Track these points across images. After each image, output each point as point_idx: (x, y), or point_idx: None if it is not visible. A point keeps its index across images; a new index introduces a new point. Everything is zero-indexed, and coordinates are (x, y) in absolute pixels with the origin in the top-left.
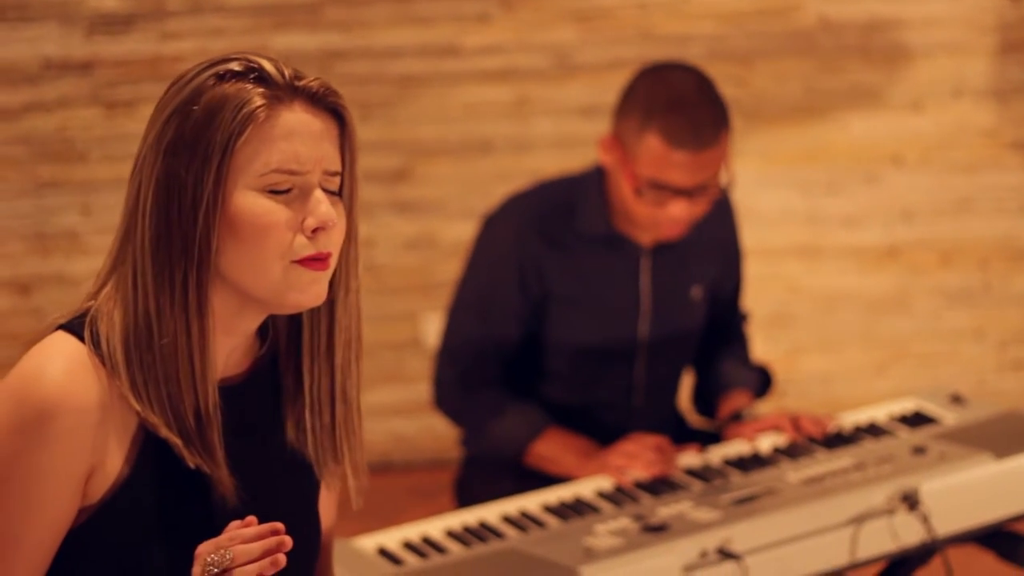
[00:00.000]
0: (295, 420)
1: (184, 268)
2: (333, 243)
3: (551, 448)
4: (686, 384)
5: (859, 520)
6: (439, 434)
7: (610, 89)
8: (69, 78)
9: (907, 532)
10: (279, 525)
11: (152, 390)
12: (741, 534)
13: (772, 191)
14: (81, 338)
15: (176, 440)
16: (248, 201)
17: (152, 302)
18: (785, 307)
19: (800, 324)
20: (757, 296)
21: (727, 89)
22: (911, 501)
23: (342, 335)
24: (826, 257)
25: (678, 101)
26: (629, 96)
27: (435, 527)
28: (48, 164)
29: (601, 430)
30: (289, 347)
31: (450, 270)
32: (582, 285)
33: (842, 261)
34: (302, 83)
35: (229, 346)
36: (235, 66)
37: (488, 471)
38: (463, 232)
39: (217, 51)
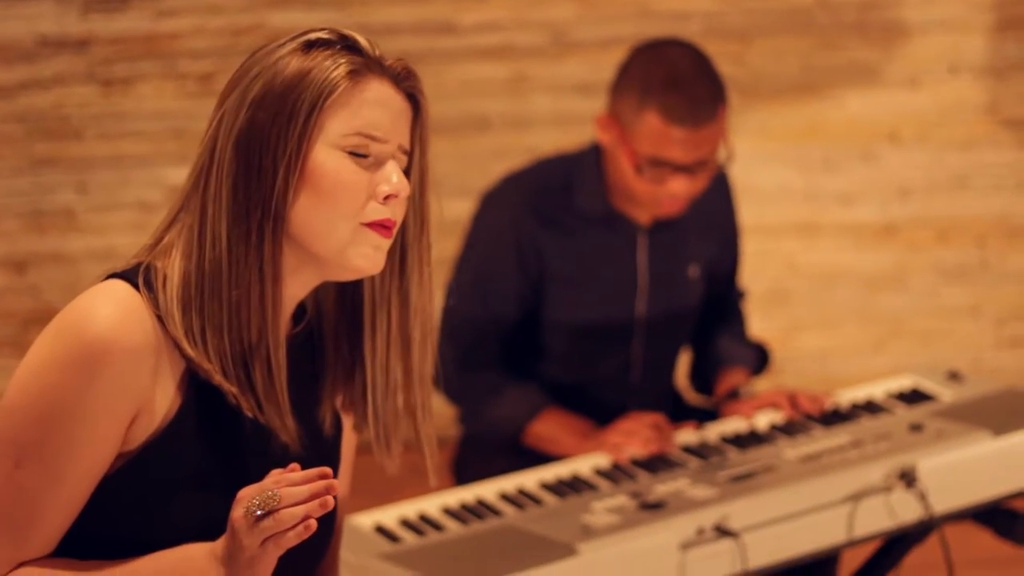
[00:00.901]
0: (344, 403)
1: (260, 219)
2: (399, 214)
3: (549, 428)
4: (683, 362)
5: (856, 497)
6: (437, 412)
7: (607, 66)
8: (65, 56)
9: (904, 509)
10: (327, 469)
11: (212, 338)
12: (738, 511)
13: (769, 168)
14: (133, 284)
15: (232, 388)
16: (330, 158)
17: (224, 251)
18: (782, 284)
19: (797, 301)
20: (754, 273)
21: (724, 67)
22: (908, 478)
23: (418, 316)
24: (823, 234)
25: (675, 78)
26: (625, 74)
27: (432, 505)
28: (44, 142)
29: (599, 408)
30: (340, 334)
31: (448, 247)
32: (579, 264)
33: (839, 238)
34: (388, 62)
35: (286, 308)
36: (325, 35)
37: (485, 449)
38: (461, 209)
39: (214, 29)
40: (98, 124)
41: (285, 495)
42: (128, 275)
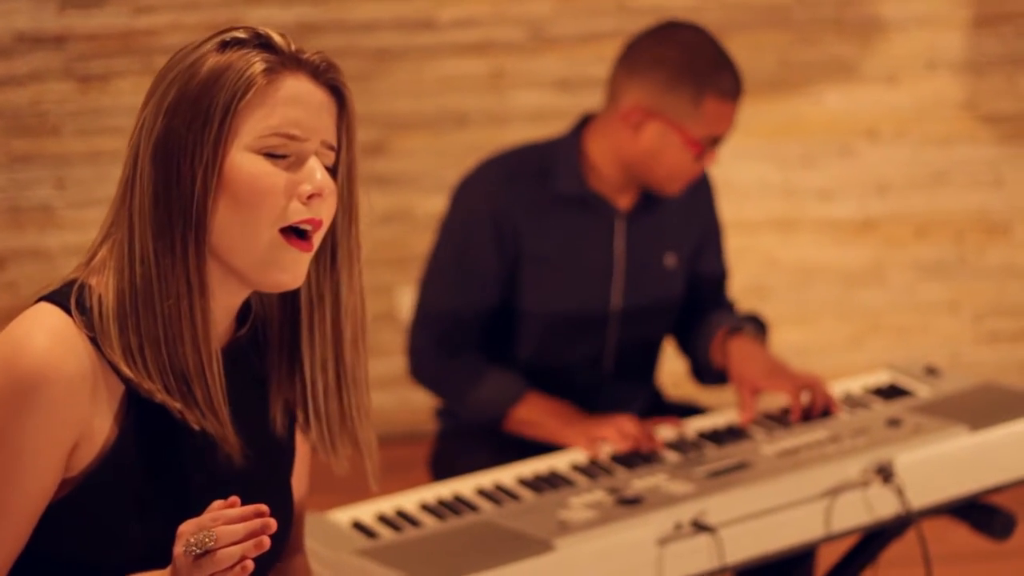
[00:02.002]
0: (287, 406)
1: (183, 230)
2: (325, 213)
3: (531, 412)
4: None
5: (834, 493)
6: (414, 407)
7: (586, 62)
8: (42, 52)
9: (882, 504)
10: (263, 507)
11: (151, 354)
12: (716, 507)
13: (747, 164)
14: (65, 308)
15: (176, 404)
16: (247, 162)
17: (152, 264)
18: (760, 280)
19: (776, 297)
20: (733, 269)
21: None
22: (886, 473)
23: (349, 317)
24: (801, 230)
25: (715, 58)
26: (659, 68)
27: (410, 501)
28: (21, 138)
29: (571, 395)
30: (283, 334)
31: (425, 244)
32: (556, 246)
33: (817, 234)
34: (305, 56)
35: (218, 319)
36: (240, 34)
37: (464, 444)
38: (439, 206)
39: (191, 25)
40: (76, 120)
41: (221, 535)
42: (60, 299)
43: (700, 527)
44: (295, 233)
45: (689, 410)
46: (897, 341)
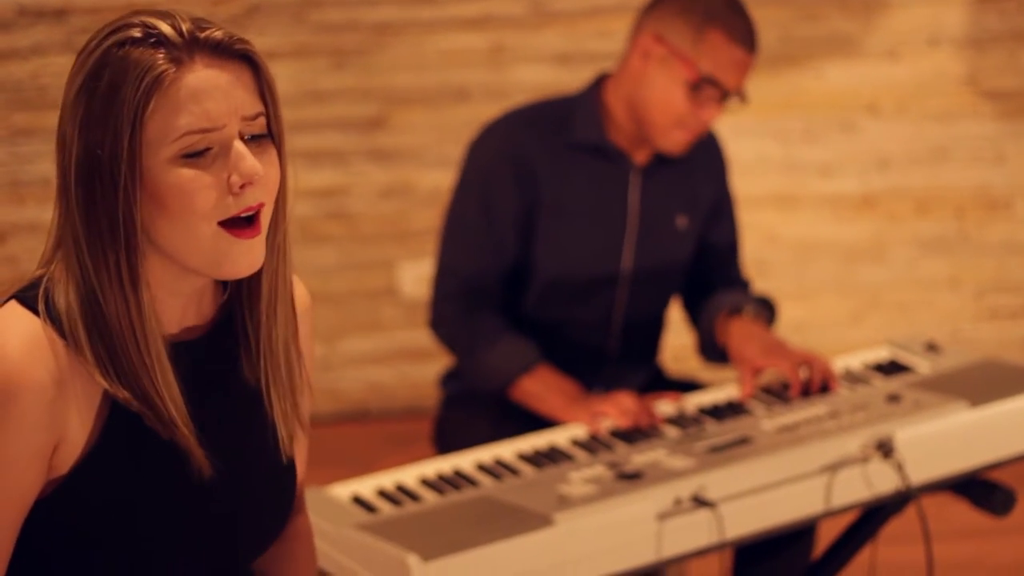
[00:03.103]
0: (246, 351)
1: (115, 247)
2: (266, 193)
3: (539, 385)
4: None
5: (833, 468)
6: (415, 382)
7: (587, 37)
8: (43, 25)
9: (881, 480)
10: None
11: (112, 364)
12: (715, 482)
13: (748, 139)
14: (35, 311)
15: (146, 412)
16: (167, 172)
17: (94, 281)
18: (761, 255)
19: (776, 272)
20: None
21: None
22: (885, 449)
23: (268, 279)
24: (802, 206)
25: (734, 5)
26: (673, 1)
27: (410, 475)
28: (22, 112)
29: (577, 350)
30: (237, 294)
31: (426, 218)
32: (572, 195)
33: (818, 210)
34: (204, 35)
35: (180, 306)
36: (135, 32)
37: (466, 416)
38: (439, 180)
39: None
40: None
41: None
42: (29, 301)
43: (700, 502)
44: (237, 223)
45: (689, 385)
46: (897, 317)
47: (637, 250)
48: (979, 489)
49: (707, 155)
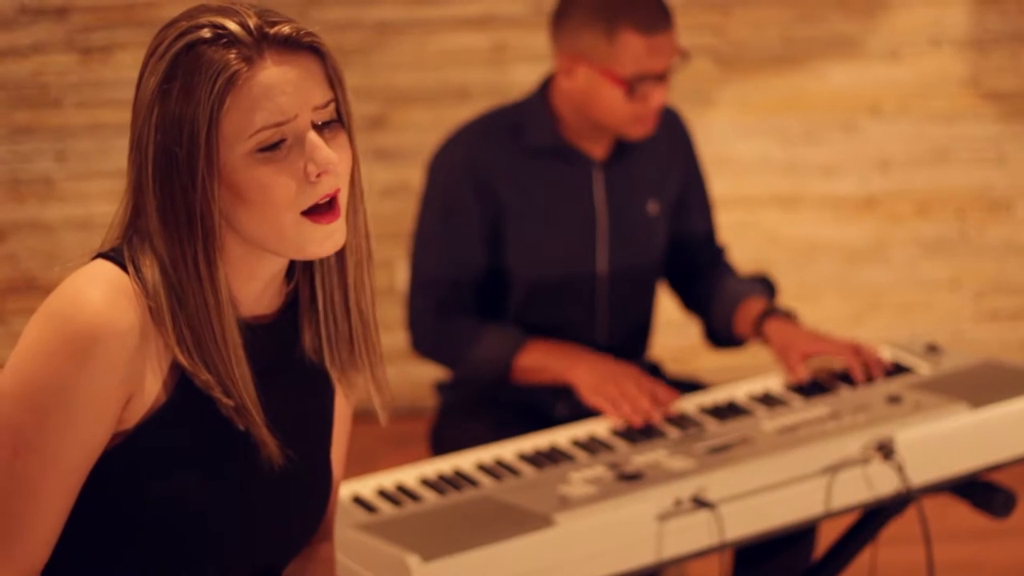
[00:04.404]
0: (312, 332)
1: (192, 242)
2: (341, 178)
3: (535, 358)
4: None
5: (834, 469)
6: (415, 381)
7: None
8: (44, 23)
9: (882, 482)
10: None
11: (193, 345)
12: (716, 483)
13: (750, 140)
14: (121, 266)
15: (220, 396)
16: (245, 167)
17: (171, 272)
18: (762, 256)
19: (777, 273)
20: (734, 245)
21: (704, 37)
22: (886, 451)
23: (352, 256)
24: (803, 207)
25: None
26: (576, 12)
27: (410, 475)
28: (22, 110)
29: None
30: (304, 265)
31: None
32: (536, 201)
33: (819, 211)
34: (273, 31)
35: (257, 289)
36: (205, 33)
37: (464, 419)
38: None
39: None
40: (77, 92)
41: None
42: (115, 257)
43: (700, 503)
44: (317, 209)
45: (689, 386)
46: (898, 318)
47: (611, 245)
48: (979, 491)
49: (670, 135)
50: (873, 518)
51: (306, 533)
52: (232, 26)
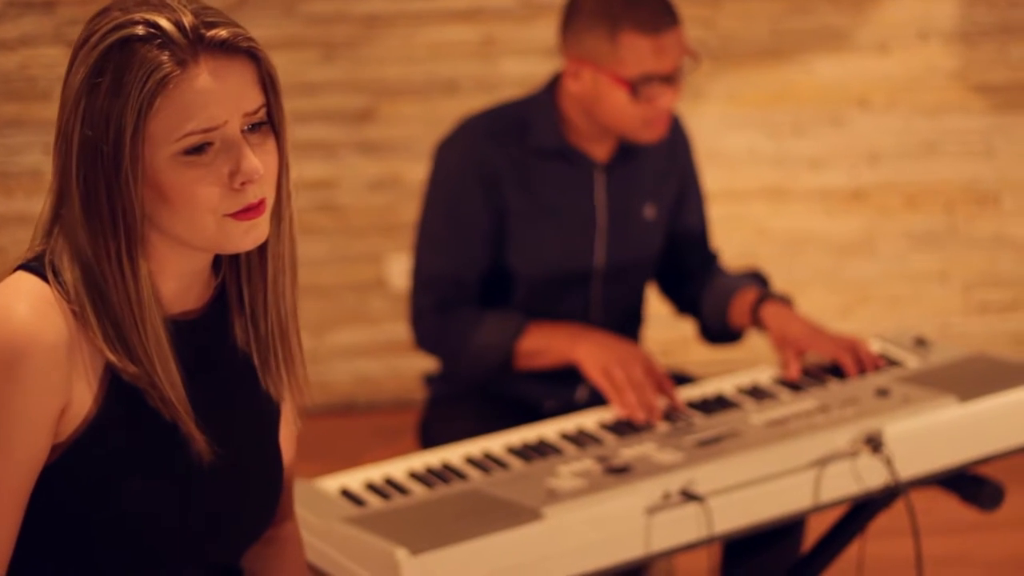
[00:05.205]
0: (241, 326)
1: (115, 238)
2: (267, 185)
3: (536, 341)
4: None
5: (822, 463)
6: (403, 375)
7: None
8: (31, 16)
9: (870, 475)
10: None
11: (118, 341)
12: (704, 476)
13: (738, 133)
14: (43, 277)
15: (150, 390)
16: (170, 169)
17: (94, 263)
18: (751, 249)
19: (766, 266)
20: (723, 238)
21: (694, 30)
22: (874, 444)
23: (273, 261)
24: (792, 199)
25: None
26: (579, 15)
27: (398, 468)
28: (10, 103)
29: None
30: (230, 260)
31: (415, 211)
32: (539, 200)
33: (808, 203)
34: (209, 34)
35: (183, 286)
36: (139, 30)
37: (452, 412)
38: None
39: None
40: None
41: None
42: (36, 268)
43: (688, 496)
44: (241, 211)
45: (678, 379)
46: (887, 311)
47: (609, 246)
48: (968, 484)
49: (670, 141)
50: (861, 511)
51: (258, 523)
52: (167, 26)
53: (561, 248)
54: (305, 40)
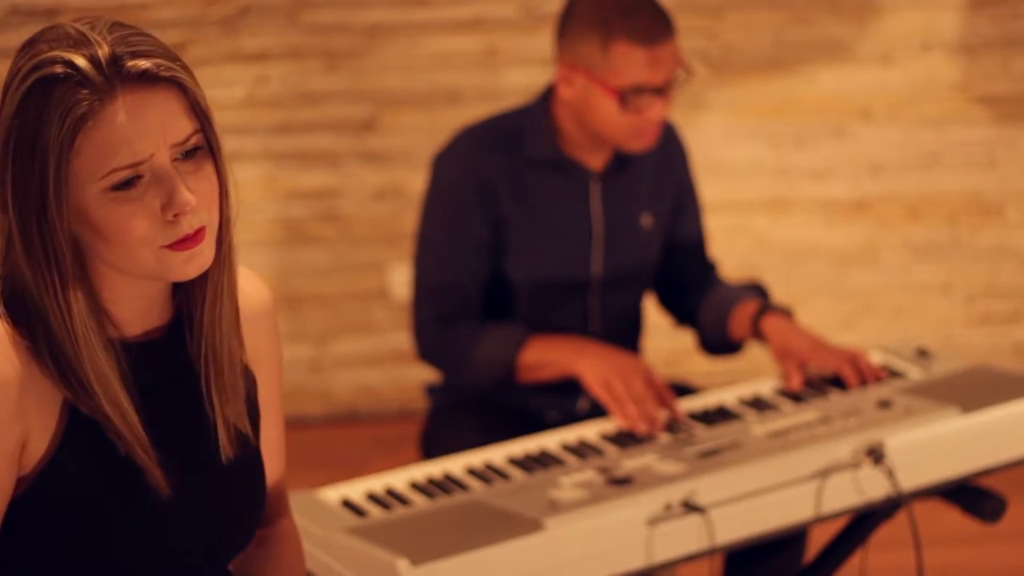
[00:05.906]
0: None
1: (50, 271)
2: (204, 213)
3: (538, 354)
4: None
5: (824, 474)
6: (405, 385)
7: None
8: (34, 24)
9: (872, 486)
10: None
11: (70, 376)
12: (706, 487)
13: (740, 144)
14: None
15: (106, 423)
16: (99, 205)
17: (41, 302)
18: (752, 260)
19: (768, 277)
20: (725, 249)
21: (696, 41)
22: (876, 455)
23: (213, 287)
24: (794, 210)
25: (626, 6)
26: (573, 21)
27: (399, 479)
28: None
29: None
30: (186, 295)
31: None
32: (535, 211)
33: (810, 214)
34: (128, 65)
35: (142, 308)
36: (57, 69)
37: (454, 422)
38: None
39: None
40: None
41: None
42: None
43: (690, 507)
44: (177, 242)
45: (679, 389)
46: (889, 322)
47: (605, 255)
48: (970, 496)
49: (666, 150)
50: (863, 522)
51: (240, 535)
52: (82, 64)
53: (558, 258)
54: (308, 50)
